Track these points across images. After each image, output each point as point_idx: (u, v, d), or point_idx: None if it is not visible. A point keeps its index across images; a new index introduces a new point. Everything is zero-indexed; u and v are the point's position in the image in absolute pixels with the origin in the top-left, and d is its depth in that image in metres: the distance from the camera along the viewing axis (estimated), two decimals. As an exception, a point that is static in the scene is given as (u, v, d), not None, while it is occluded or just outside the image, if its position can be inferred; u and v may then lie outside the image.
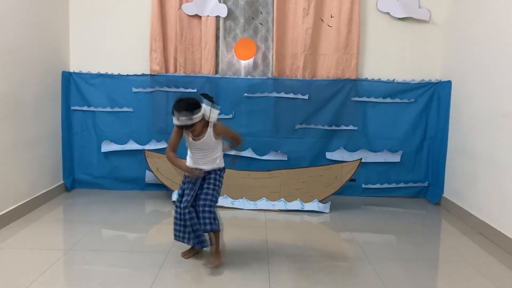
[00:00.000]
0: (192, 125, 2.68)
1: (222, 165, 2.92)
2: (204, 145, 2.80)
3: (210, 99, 2.80)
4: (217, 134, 2.81)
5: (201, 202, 2.78)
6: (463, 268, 3.00)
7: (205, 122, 2.77)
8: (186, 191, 2.86)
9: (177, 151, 2.88)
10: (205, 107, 2.74)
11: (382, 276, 2.82)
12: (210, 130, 2.79)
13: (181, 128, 2.73)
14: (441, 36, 4.66)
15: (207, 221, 2.76)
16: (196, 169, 2.81)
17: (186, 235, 2.90)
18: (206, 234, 2.89)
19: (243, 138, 3.04)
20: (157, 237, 3.49)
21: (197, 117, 2.66)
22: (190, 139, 2.81)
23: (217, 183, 2.87)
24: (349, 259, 3.12)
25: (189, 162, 2.90)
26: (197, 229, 2.84)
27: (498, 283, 2.77)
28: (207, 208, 2.77)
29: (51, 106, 4.41)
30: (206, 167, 2.85)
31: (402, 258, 3.15)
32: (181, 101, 2.69)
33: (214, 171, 2.88)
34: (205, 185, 2.84)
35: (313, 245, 3.37)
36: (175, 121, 2.67)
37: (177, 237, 2.96)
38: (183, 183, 2.93)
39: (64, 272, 2.80)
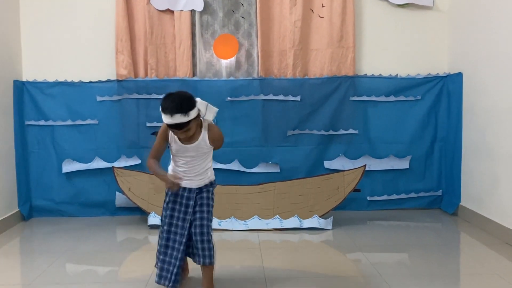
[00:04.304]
0: (188, 124, 2.51)
1: (213, 177, 2.80)
2: (196, 151, 2.65)
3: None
4: (211, 138, 2.68)
5: (197, 230, 2.66)
6: (494, 282, 2.95)
7: (199, 123, 2.64)
8: (176, 214, 2.69)
9: (160, 160, 2.75)
10: (201, 103, 2.61)
11: (401, 296, 2.76)
12: (204, 133, 2.66)
13: (174, 128, 2.53)
14: (447, 23, 4.69)
15: (206, 253, 2.68)
16: (175, 180, 2.62)
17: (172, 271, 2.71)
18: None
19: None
20: (132, 268, 3.36)
21: (193, 112, 2.51)
22: (179, 143, 2.64)
23: (210, 203, 2.76)
24: (361, 281, 3.05)
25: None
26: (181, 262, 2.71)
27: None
28: (205, 238, 2.67)
29: (1, 121, 4.29)
30: (197, 181, 2.71)
31: (422, 276, 3.09)
32: (172, 95, 2.55)
33: (206, 187, 2.75)
34: (198, 208, 2.70)
35: (317, 267, 3.28)
36: (168, 120, 2.48)
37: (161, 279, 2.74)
38: (167, 203, 2.74)
39: (23, 312, 2.68)
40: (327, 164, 4.65)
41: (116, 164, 4.52)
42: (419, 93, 4.66)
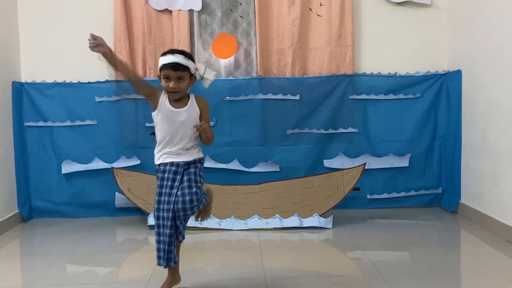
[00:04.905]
0: (184, 70, 2.59)
1: (202, 155, 2.79)
2: (186, 116, 2.65)
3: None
4: (200, 105, 2.72)
5: (180, 206, 2.59)
6: (494, 279, 2.94)
7: (187, 93, 2.72)
8: (163, 190, 2.64)
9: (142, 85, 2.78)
10: (200, 64, 2.71)
11: (402, 294, 2.76)
12: (192, 99, 2.72)
13: (170, 68, 2.56)
14: (446, 21, 4.69)
15: (195, 204, 2.64)
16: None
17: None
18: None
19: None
20: (132, 269, 3.36)
21: (192, 64, 2.63)
22: (170, 107, 2.65)
23: (198, 178, 2.70)
24: (362, 280, 3.04)
25: (160, 154, 2.70)
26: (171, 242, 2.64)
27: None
28: (193, 190, 2.62)
29: (0, 122, 4.29)
30: (183, 156, 2.68)
31: (423, 274, 3.08)
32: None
33: (194, 162, 2.72)
34: (186, 183, 2.64)
35: (317, 266, 3.28)
36: (168, 58, 2.57)
37: (163, 260, 2.66)
38: (158, 186, 2.69)
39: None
40: (327, 163, 4.65)
41: (115, 164, 4.51)
42: (418, 91, 4.66)
